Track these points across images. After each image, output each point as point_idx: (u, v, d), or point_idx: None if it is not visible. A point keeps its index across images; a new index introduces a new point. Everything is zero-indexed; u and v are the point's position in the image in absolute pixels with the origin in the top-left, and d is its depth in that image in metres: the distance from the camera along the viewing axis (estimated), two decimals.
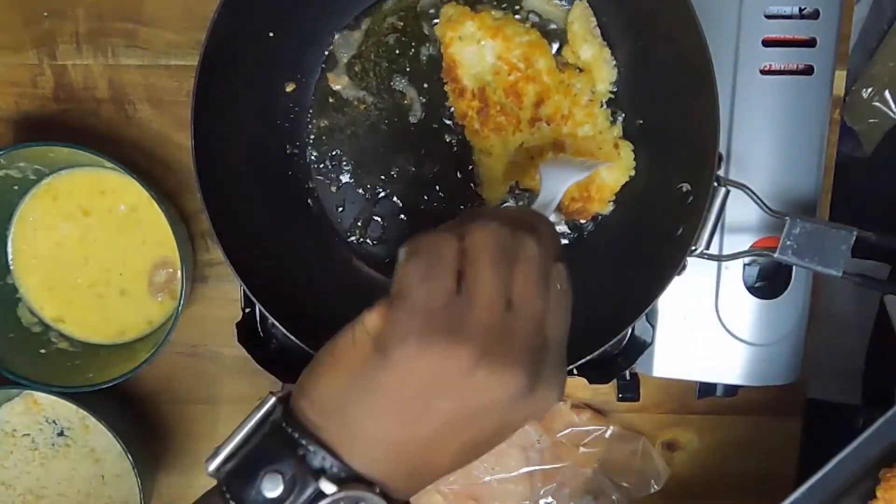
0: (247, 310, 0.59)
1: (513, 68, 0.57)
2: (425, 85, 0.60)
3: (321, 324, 0.54)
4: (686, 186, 0.52)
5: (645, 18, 0.54)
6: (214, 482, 0.35)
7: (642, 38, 0.56)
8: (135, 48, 0.63)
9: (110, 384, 0.58)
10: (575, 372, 0.58)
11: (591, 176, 0.57)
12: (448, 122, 0.60)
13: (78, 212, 0.62)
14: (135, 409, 0.66)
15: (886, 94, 0.64)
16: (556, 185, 0.50)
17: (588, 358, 0.51)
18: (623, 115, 0.58)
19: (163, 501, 0.67)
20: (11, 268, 0.63)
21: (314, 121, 0.60)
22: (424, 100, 0.60)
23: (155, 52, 0.63)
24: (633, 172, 0.57)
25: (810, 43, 0.57)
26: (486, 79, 0.57)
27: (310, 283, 0.58)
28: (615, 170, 0.57)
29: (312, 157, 0.61)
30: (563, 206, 0.58)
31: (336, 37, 0.60)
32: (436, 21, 0.58)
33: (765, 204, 0.52)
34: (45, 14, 0.63)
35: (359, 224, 0.61)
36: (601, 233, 0.59)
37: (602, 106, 0.58)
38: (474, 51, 0.57)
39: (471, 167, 0.60)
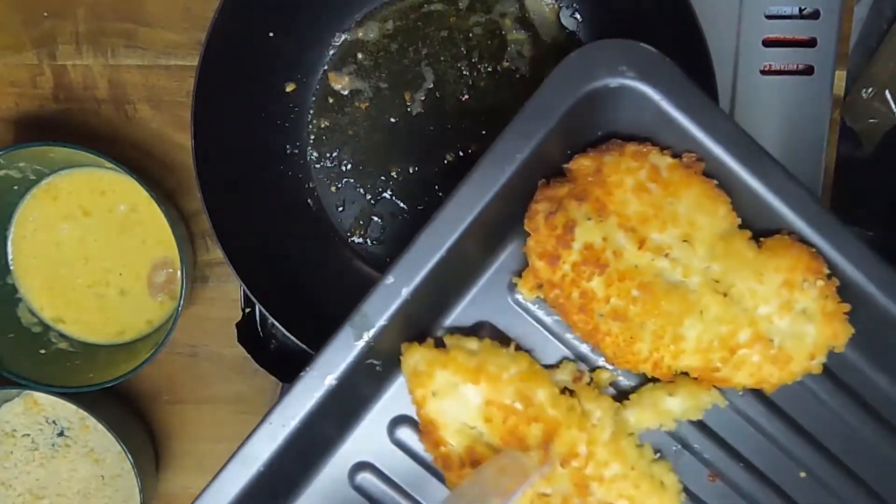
0: (247, 310, 0.59)
1: (507, 412, 0.43)
2: (426, 85, 0.60)
3: (321, 324, 0.55)
4: None
5: (645, 18, 0.55)
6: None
7: (641, 37, 0.56)
8: (135, 48, 0.63)
9: (110, 384, 0.58)
10: None
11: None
12: (447, 123, 0.60)
13: (78, 212, 0.62)
14: (135, 409, 0.66)
15: (886, 94, 0.64)
16: None
17: None
18: None
19: (163, 501, 0.67)
20: (11, 268, 0.63)
21: (314, 121, 0.60)
22: (424, 99, 0.60)
23: (155, 52, 0.63)
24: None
25: (810, 43, 0.57)
26: (473, 431, 0.44)
27: (310, 283, 0.58)
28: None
29: (312, 157, 0.61)
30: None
31: (338, 37, 0.60)
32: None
33: None
34: (45, 14, 0.63)
35: (359, 224, 0.61)
36: None
37: (632, 435, 0.46)
38: (454, 403, 0.44)
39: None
